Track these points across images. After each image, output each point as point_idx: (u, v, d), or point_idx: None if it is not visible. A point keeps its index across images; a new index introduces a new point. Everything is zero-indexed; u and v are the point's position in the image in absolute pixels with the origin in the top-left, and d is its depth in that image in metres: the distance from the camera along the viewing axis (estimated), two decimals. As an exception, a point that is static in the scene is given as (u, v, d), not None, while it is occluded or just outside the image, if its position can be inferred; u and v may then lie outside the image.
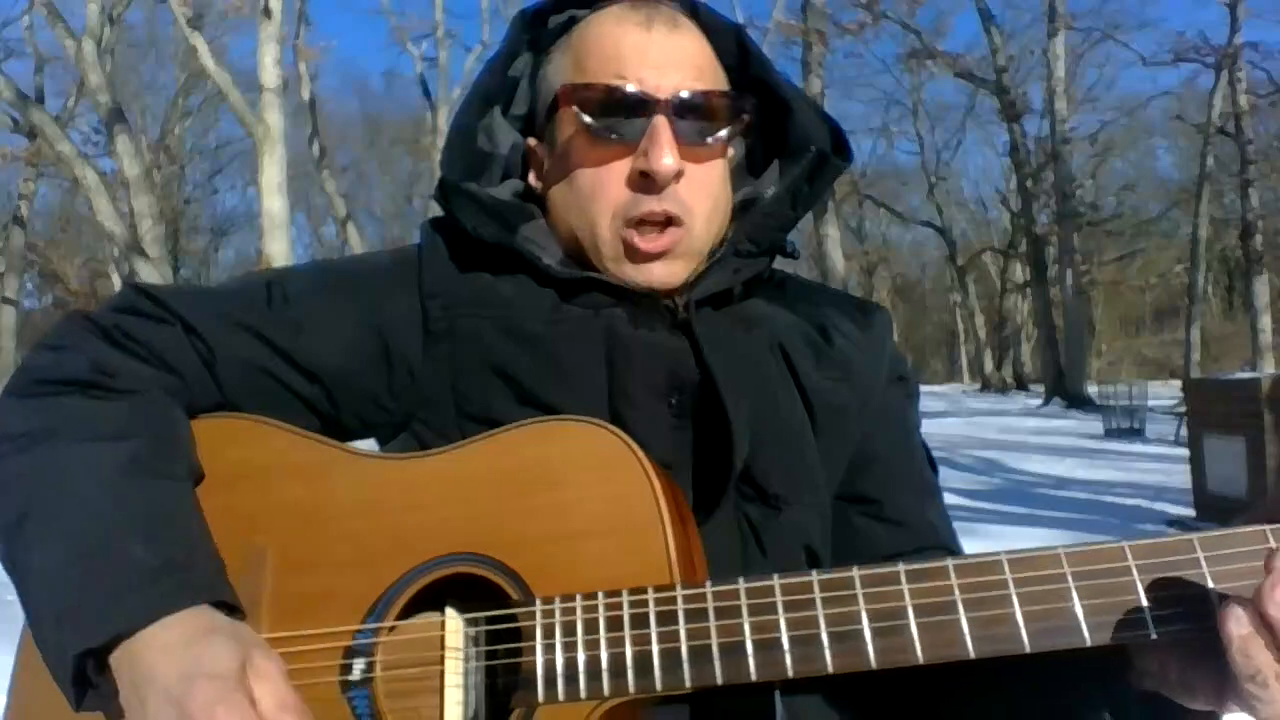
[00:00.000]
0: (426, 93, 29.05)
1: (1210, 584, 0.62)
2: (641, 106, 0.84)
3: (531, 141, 0.95)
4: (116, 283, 28.54)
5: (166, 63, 33.27)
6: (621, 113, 0.84)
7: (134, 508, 0.74)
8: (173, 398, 0.83)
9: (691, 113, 0.85)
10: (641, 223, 0.85)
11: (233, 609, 0.73)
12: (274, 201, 15.45)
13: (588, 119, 0.85)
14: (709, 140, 0.87)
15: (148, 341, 0.84)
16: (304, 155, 26.23)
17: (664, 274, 0.87)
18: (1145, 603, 0.63)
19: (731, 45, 0.94)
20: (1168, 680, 0.66)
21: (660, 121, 0.83)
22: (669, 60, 0.86)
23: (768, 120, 0.95)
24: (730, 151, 0.94)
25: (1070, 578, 0.64)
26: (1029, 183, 26.60)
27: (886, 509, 0.90)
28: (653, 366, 0.84)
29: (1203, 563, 0.63)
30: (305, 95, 24.99)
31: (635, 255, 0.86)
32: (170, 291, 0.89)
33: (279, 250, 15.24)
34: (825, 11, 20.48)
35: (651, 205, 0.85)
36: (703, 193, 0.88)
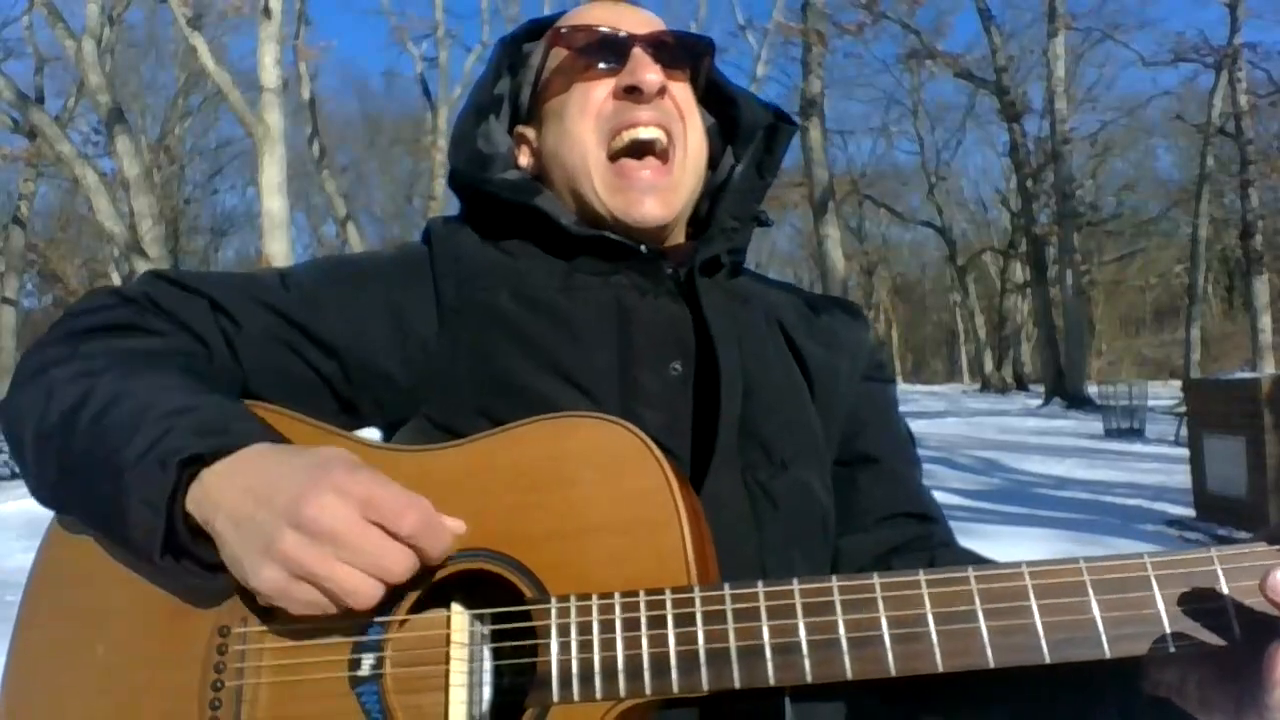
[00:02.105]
0: (426, 92, 29.09)
1: (1229, 598, 0.62)
2: (622, 43, 0.94)
3: (519, 129, 1.01)
4: (116, 282, 28.35)
5: (166, 63, 33.24)
6: (604, 48, 0.94)
7: (201, 389, 0.77)
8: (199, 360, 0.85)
9: (666, 46, 0.95)
10: (631, 149, 0.92)
11: None
12: (274, 201, 15.44)
13: (574, 53, 0.95)
14: (683, 68, 0.97)
15: (174, 310, 0.86)
16: (304, 155, 26.21)
17: (657, 207, 0.91)
18: (1164, 616, 0.63)
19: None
20: (1186, 695, 0.67)
21: (639, 51, 0.93)
22: (641, 20, 0.97)
23: (723, 127, 1.04)
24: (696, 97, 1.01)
25: (1090, 588, 0.64)
26: (1029, 183, 26.57)
27: (884, 464, 0.95)
28: (659, 330, 0.88)
29: (1221, 577, 0.63)
30: (305, 95, 24.98)
31: (630, 180, 0.91)
32: (191, 273, 0.91)
33: (279, 250, 15.22)
34: (825, 11, 20.47)
35: (639, 113, 0.92)
36: (688, 111, 0.96)
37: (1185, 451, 8.38)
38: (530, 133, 1.00)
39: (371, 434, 0.89)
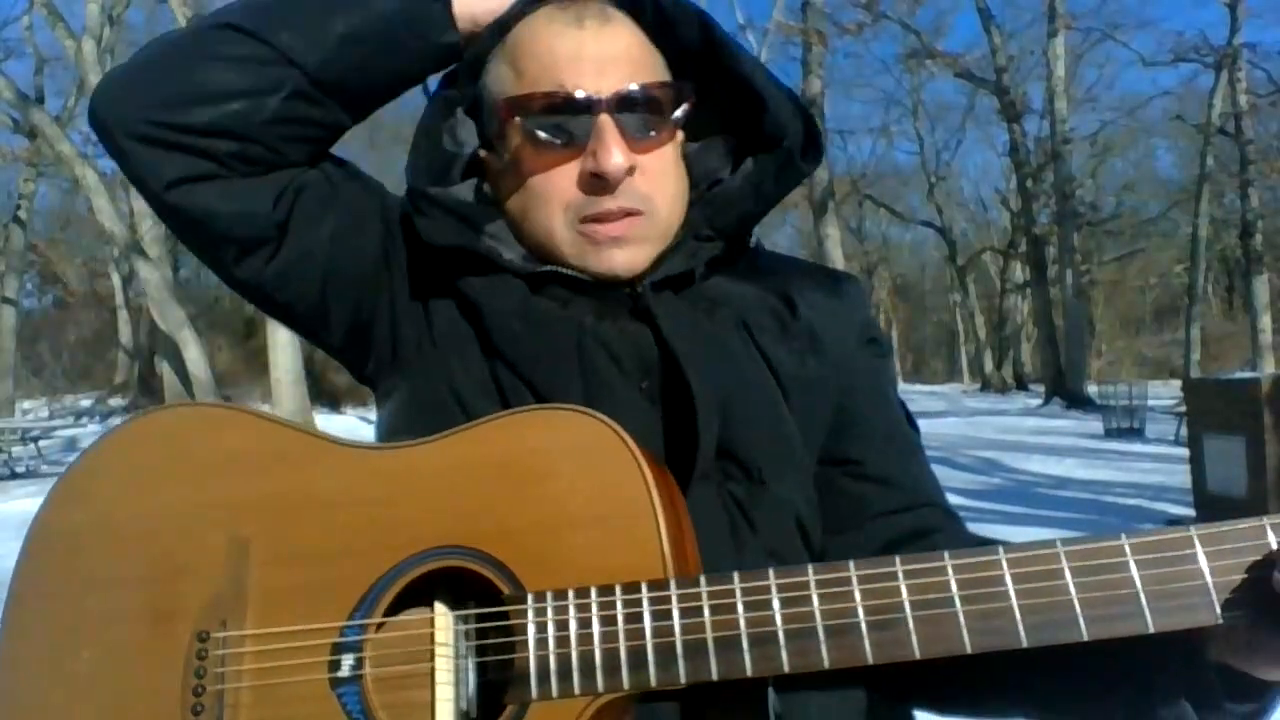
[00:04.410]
0: (426, 92, 29.05)
1: (1208, 577, 0.62)
2: (584, 108, 0.84)
3: (483, 153, 0.95)
4: (117, 283, 28.55)
5: (166, 63, 33.19)
6: (565, 118, 0.85)
7: None
8: None
9: (634, 108, 0.85)
10: (598, 219, 0.86)
11: None
12: (274, 201, 15.43)
13: (532, 128, 0.86)
14: (654, 132, 0.88)
15: None
16: (304, 155, 26.18)
17: (626, 260, 0.87)
18: (1143, 597, 0.63)
19: (694, 34, 0.91)
20: (1235, 644, 0.66)
21: (605, 121, 0.84)
22: (605, 57, 0.86)
23: (739, 105, 0.93)
24: (680, 135, 0.93)
25: (1068, 571, 0.64)
26: (1029, 183, 26.60)
27: (869, 467, 0.90)
28: (621, 354, 0.85)
29: (1201, 556, 0.63)
30: (305, 95, 24.97)
31: (597, 238, 0.86)
32: None
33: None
34: (825, 11, 20.50)
35: (607, 204, 0.85)
36: (660, 180, 0.88)
37: (1185, 451, 8.38)
38: (493, 163, 0.94)
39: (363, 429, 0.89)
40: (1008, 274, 35.70)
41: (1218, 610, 0.62)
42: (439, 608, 0.73)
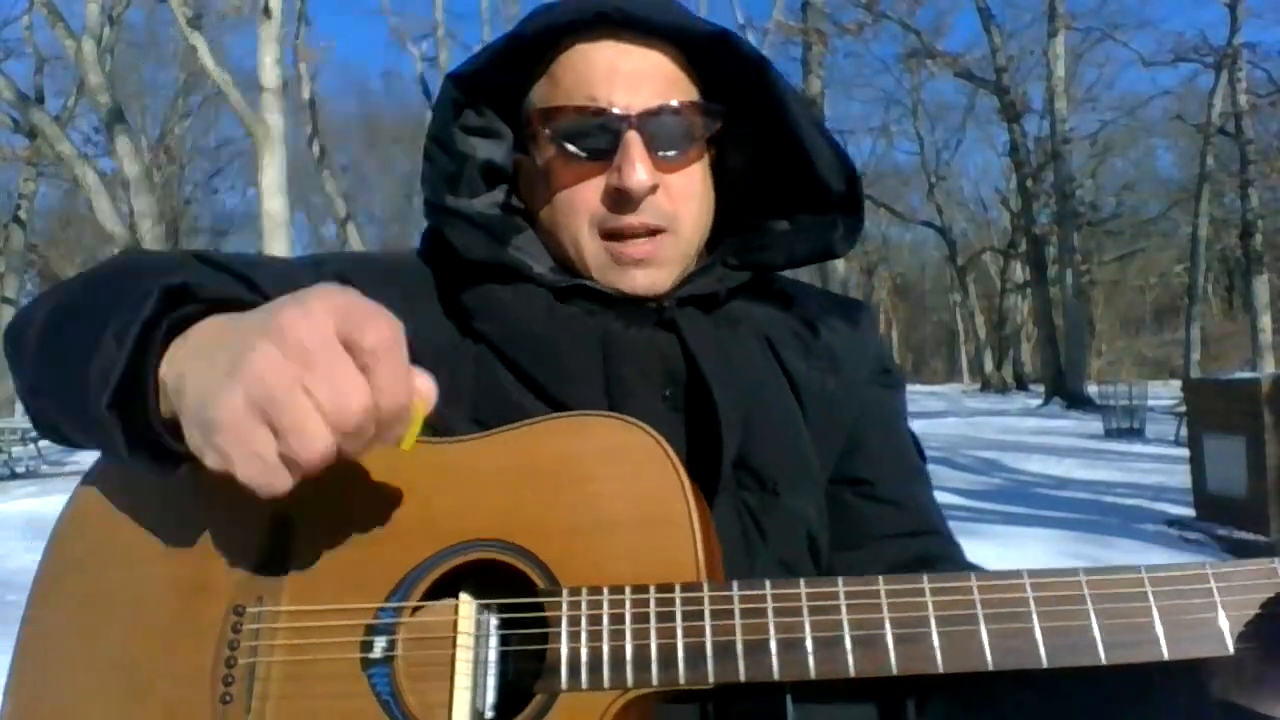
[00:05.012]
0: (426, 93, 29.09)
1: (1221, 613, 0.65)
2: (613, 123, 0.85)
3: (517, 155, 0.95)
4: (116, 283, 28.44)
5: (166, 63, 33.29)
6: (593, 132, 0.86)
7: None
8: None
9: (662, 126, 0.86)
10: (622, 234, 0.87)
11: None
12: (274, 202, 15.46)
13: (561, 140, 0.87)
14: (681, 151, 0.88)
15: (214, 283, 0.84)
16: (304, 155, 26.21)
17: (647, 281, 0.89)
18: (1159, 627, 0.66)
19: (747, 76, 0.91)
20: (1243, 679, 0.68)
21: (631, 138, 0.85)
22: (639, 74, 0.87)
23: (785, 146, 0.92)
24: (706, 156, 0.94)
25: (1089, 599, 0.67)
26: (1029, 183, 26.63)
27: (878, 489, 0.92)
28: (646, 361, 0.86)
29: (1215, 593, 0.66)
30: (305, 95, 25.01)
31: (620, 259, 0.88)
32: (230, 255, 0.89)
33: (279, 251, 15.24)
34: (825, 11, 20.53)
35: (629, 219, 0.87)
36: (684, 198, 0.90)
37: (1185, 451, 8.39)
38: (526, 165, 0.94)
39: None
40: (1008, 274, 35.75)
41: (1229, 643, 0.65)
42: (463, 597, 0.74)
